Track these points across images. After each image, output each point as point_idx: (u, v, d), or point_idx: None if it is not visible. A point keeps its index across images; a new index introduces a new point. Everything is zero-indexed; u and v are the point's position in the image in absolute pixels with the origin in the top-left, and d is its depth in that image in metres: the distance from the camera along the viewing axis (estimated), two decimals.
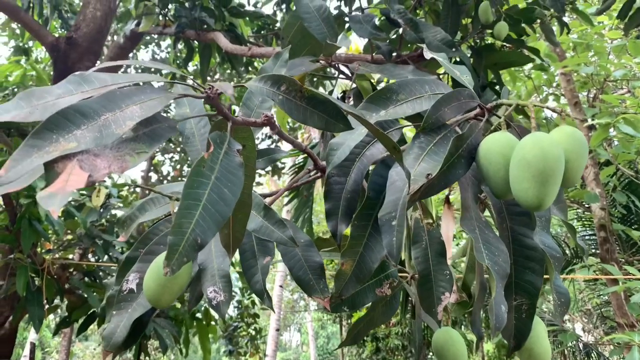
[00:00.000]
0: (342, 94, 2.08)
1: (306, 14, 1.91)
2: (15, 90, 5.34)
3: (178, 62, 4.87)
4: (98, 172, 0.62)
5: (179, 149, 8.66)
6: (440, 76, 2.87)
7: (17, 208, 3.31)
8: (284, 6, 6.19)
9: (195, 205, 0.68)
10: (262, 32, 5.46)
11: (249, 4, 5.62)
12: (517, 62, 2.38)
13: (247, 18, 4.01)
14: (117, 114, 0.68)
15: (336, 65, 2.00)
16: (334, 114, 0.79)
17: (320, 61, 1.93)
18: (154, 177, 9.08)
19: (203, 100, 0.90)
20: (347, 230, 1.06)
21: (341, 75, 2.11)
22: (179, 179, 8.85)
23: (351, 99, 2.02)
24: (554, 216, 1.10)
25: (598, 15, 4.61)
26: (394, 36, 2.61)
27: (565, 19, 3.46)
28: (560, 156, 0.80)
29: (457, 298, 1.17)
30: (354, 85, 1.98)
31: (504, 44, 2.67)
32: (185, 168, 8.66)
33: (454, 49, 2.03)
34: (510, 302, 1.01)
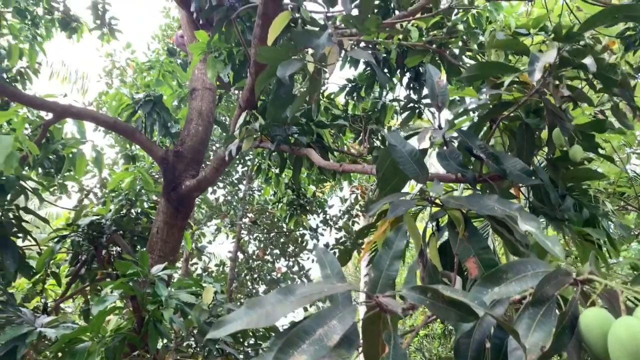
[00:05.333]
0: (435, 221, 2.37)
1: (400, 158, 2.25)
2: (126, 193, 6.12)
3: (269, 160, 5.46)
4: None
5: (265, 231, 9.21)
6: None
7: (143, 312, 3.79)
8: (354, 95, 6.78)
9: None
10: (336, 122, 6.00)
11: (323, 95, 6.22)
12: (594, 178, 2.58)
13: (331, 130, 4.48)
14: (325, 328, 1.02)
15: (430, 199, 2.32)
16: (468, 311, 1.09)
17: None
18: (240, 256, 9.63)
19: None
20: None
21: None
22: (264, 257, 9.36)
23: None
24: None
25: None
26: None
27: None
28: None
29: None
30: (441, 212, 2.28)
31: None
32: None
33: (532, 177, 2.29)
34: None
